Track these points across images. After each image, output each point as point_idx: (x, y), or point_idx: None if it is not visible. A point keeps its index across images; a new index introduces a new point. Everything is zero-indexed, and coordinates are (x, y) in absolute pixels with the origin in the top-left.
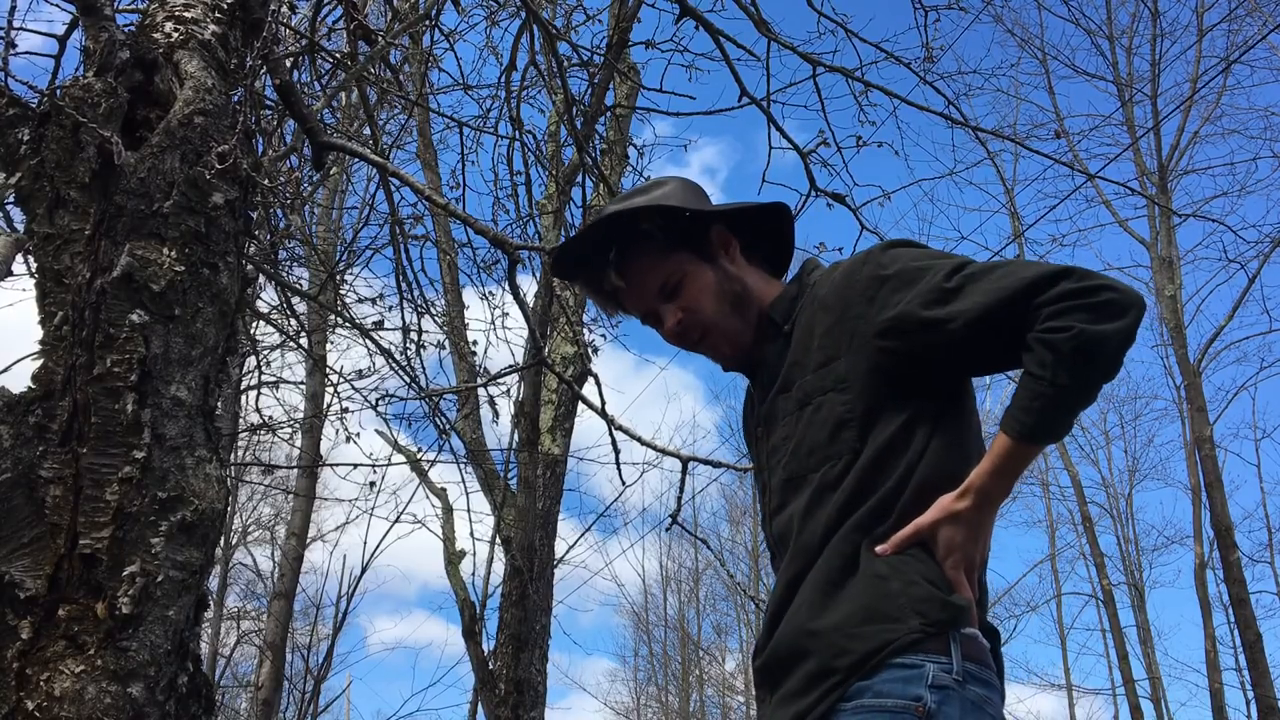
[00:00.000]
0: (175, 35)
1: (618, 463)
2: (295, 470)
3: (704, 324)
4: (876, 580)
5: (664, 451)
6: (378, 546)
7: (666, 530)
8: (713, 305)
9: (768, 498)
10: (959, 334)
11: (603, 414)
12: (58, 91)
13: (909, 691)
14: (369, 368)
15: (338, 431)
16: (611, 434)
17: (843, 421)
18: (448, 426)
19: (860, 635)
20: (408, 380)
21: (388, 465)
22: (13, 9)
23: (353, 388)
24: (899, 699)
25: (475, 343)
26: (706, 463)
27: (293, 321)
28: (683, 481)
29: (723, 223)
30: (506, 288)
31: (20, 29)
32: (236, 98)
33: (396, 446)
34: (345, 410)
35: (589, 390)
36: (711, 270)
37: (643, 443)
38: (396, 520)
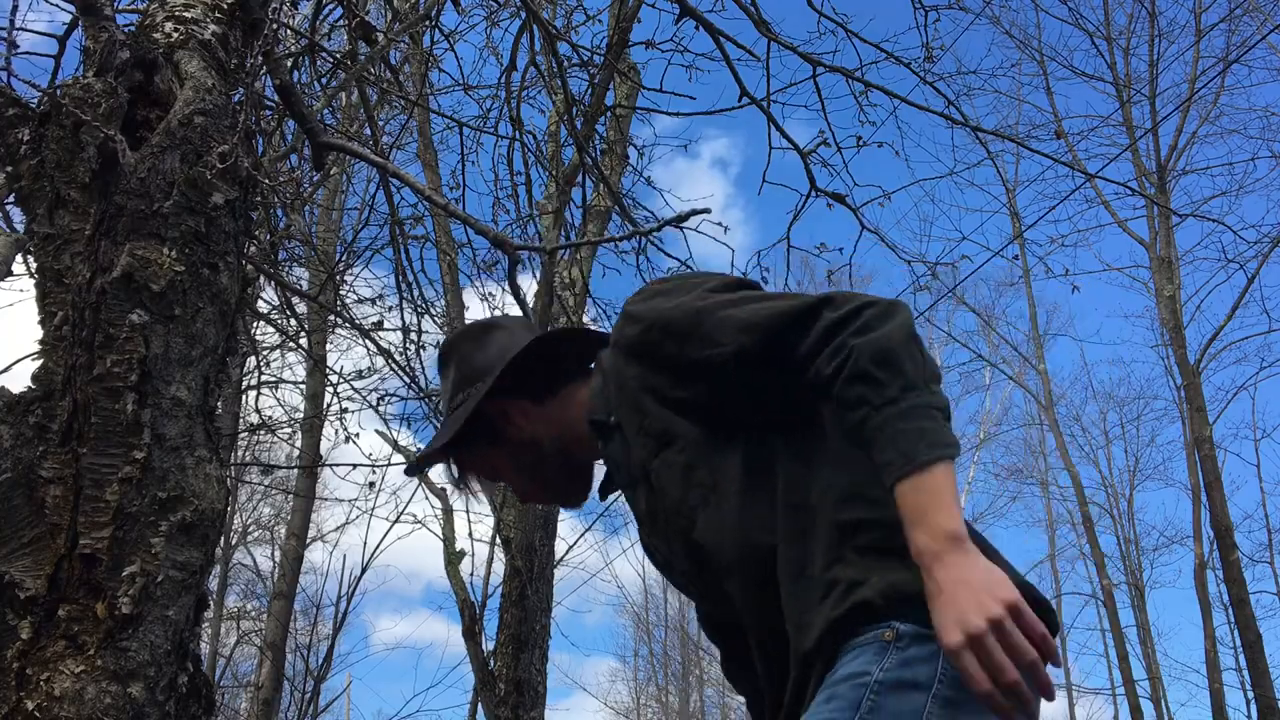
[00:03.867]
0: (175, 35)
1: None
2: (295, 470)
3: (518, 486)
4: (813, 578)
5: None
6: (378, 547)
7: None
8: (533, 467)
9: (679, 574)
10: (729, 369)
11: None
12: (58, 91)
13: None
14: (369, 368)
15: (337, 432)
16: None
17: (689, 466)
18: None
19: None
20: (408, 380)
21: (388, 465)
22: (14, 9)
23: (352, 388)
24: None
25: None
26: None
27: (293, 321)
28: None
29: (497, 395)
30: (506, 288)
31: (20, 29)
32: (236, 98)
33: (396, 446)
34: (345, 410)
35: None
36: (509, 438)
37: None
38: (396, 520)
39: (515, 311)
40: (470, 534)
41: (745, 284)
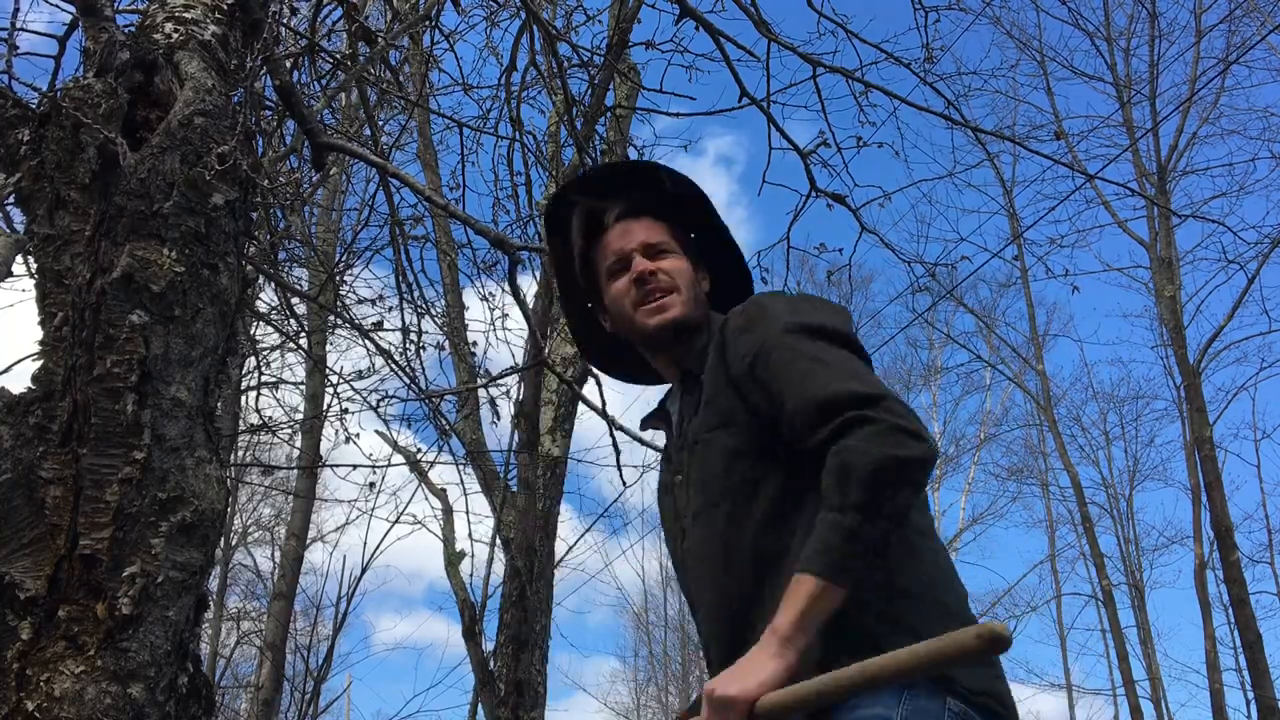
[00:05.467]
0: (175, 36)
1: (619, 464)
2: (295, 471)
3: (670, 288)
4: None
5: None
6: (378, 547)
7: None
8: (687, 286)
9: (677, 543)
10: (781, 389)
11: (604, 414)
12: (58, 92)
13: None
14: (369, 368)
15: (337, 432)
16: (612, 435)
17: (736, 454)
18: (448, 427)
19: None
20: (408, 381)
21: (388, 466)
22: (15, 11)
23: (352, 388)
24: None
25: (475, 344)
26: None
27: (292, 322)
28: None
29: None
30: (506, 288)
31: (20, 29)
32: (236, 98)
33: (396, 447)
34: (345, 411)
35: (589, 391)
36: (692, 268)
37: (643, 442)
38: (396, 521)
39: (516, 313)
40: (470, 534)
41: (839, 335)
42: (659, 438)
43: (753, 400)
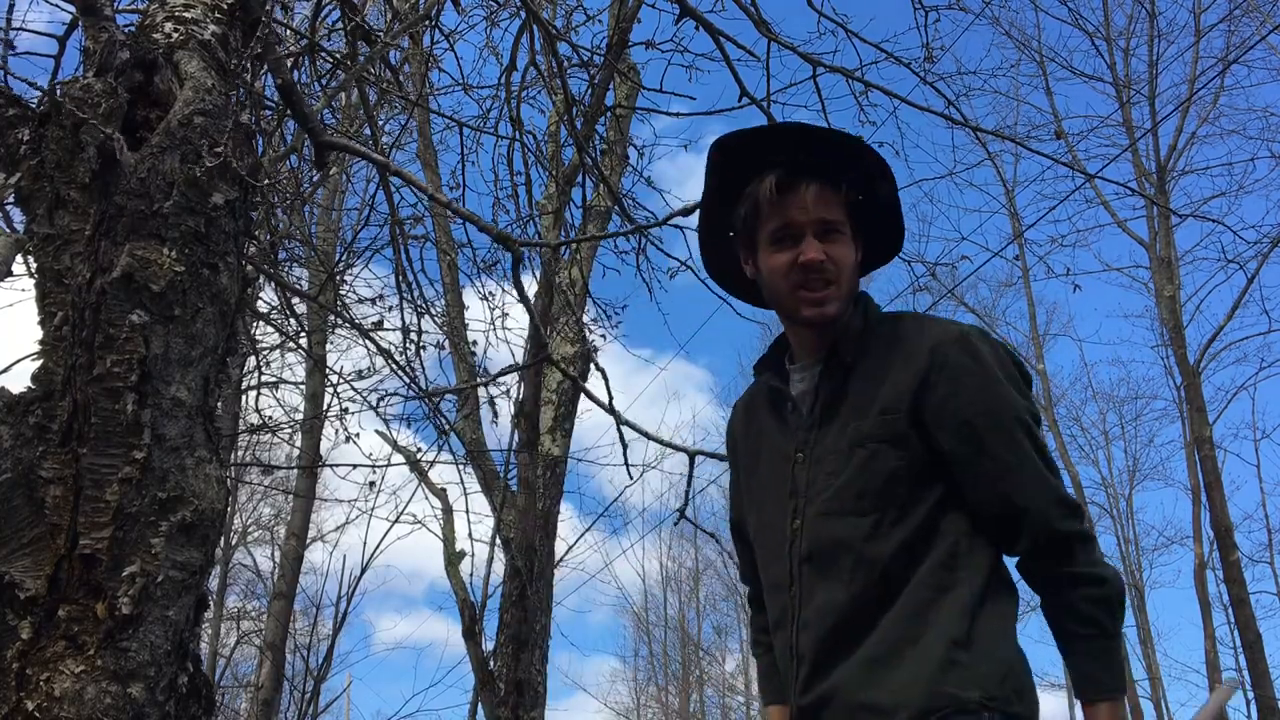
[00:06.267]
0: (175, 35)
1: (625, 458)
2: (295, 470)
3: (834, 279)
4: (948, 649)
5: (671, 446)
6: (378, 547)
7: (675, 525)
8: (848, 277)
9: (783, 518)
10: (977, 467)
11: (609, 409)
12: (58, 91)
13: None
14: (369, 368)
15: (337, 432)
16: (619, 429)
17: (895, 476)
18: (447, 427)
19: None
20: (407, 380)
21: (387, 465)
22: (11, 8)
23: (352, 388)
24: None
25: (475, 343)
26: (713, 456)
27: (292, 322)
28: (690, 476)
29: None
30: (506, 287)
31: (20, 29)
32: (236, 98)
33: (396, 447)
34: (345, 410)
35: (594, 386)
36: (855, 251)
37: (649, 437)
38: (396, 520)
39: (515, 312)
40: (470, 534)
41: (1039, 422)
42: (662, 433)
43: (936, 443)
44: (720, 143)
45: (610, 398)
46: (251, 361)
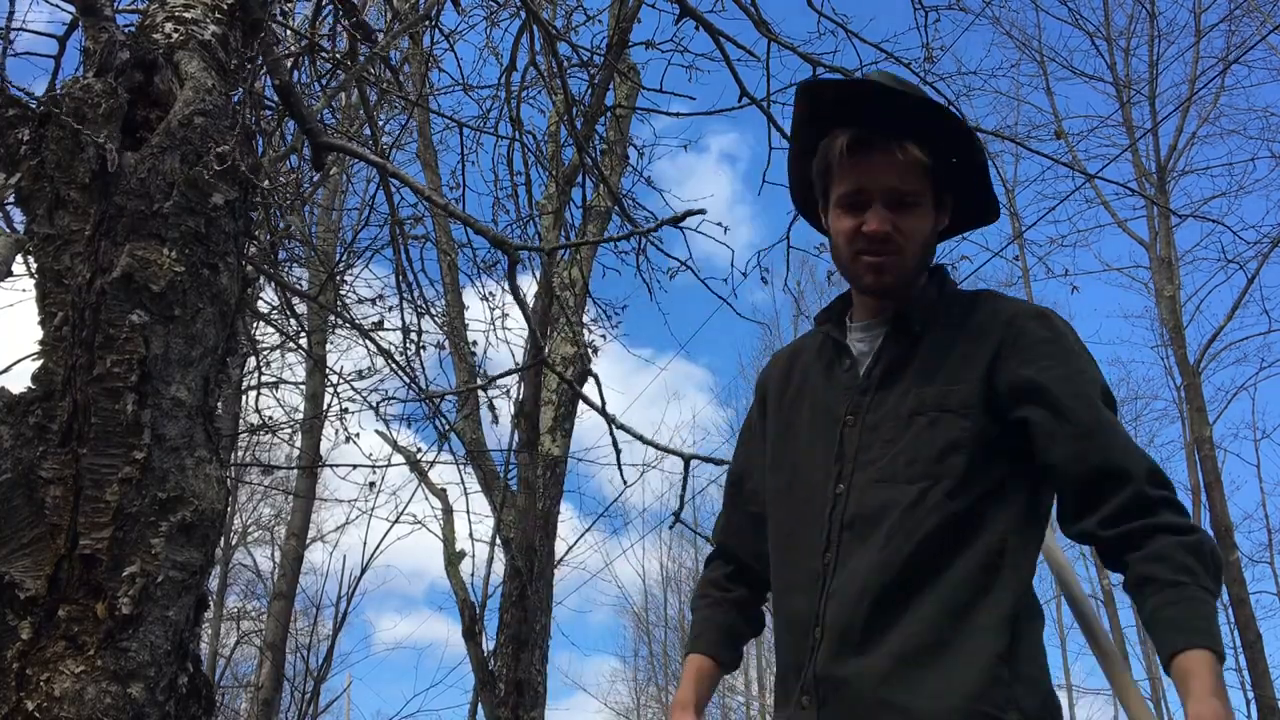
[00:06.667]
0: (175, 36)
1: (619, 463)
2: (295, 471)
3: (898, 250)
4: (991, 662)
5: (666, 450)
6: (378, 547)
7: (670, 529)
8: (917, 249)
9: (825, 481)
10: (1060, 436)
11: (604, 414)
12: (58, 91)
13: None
14: (369, 368)
15: (337, 432)
16: (613, 434)
17: (954, 445)
18: (447, 427)
19: None
20: (408, 381)
21: (387, 466)
22: (11, 9)
23: (352, 388)
24: None
25: (475, 343)
26: (708, 460)
27: (292, 322)
28: (685, 480)
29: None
30: (506, 288)
31: (20, 29)
32: (236, 98)
33: (396, 447)
34: (345, 411)
35: (589, 390)
36: (933, 219)
37: (644, 441)
38: (396, 520)
39: (516, 313)
40: (470, 534)
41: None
42: (661, 434)
43: (1012, 414)
44: (805, 89)
45: (604, 402)
46: (251, 361)
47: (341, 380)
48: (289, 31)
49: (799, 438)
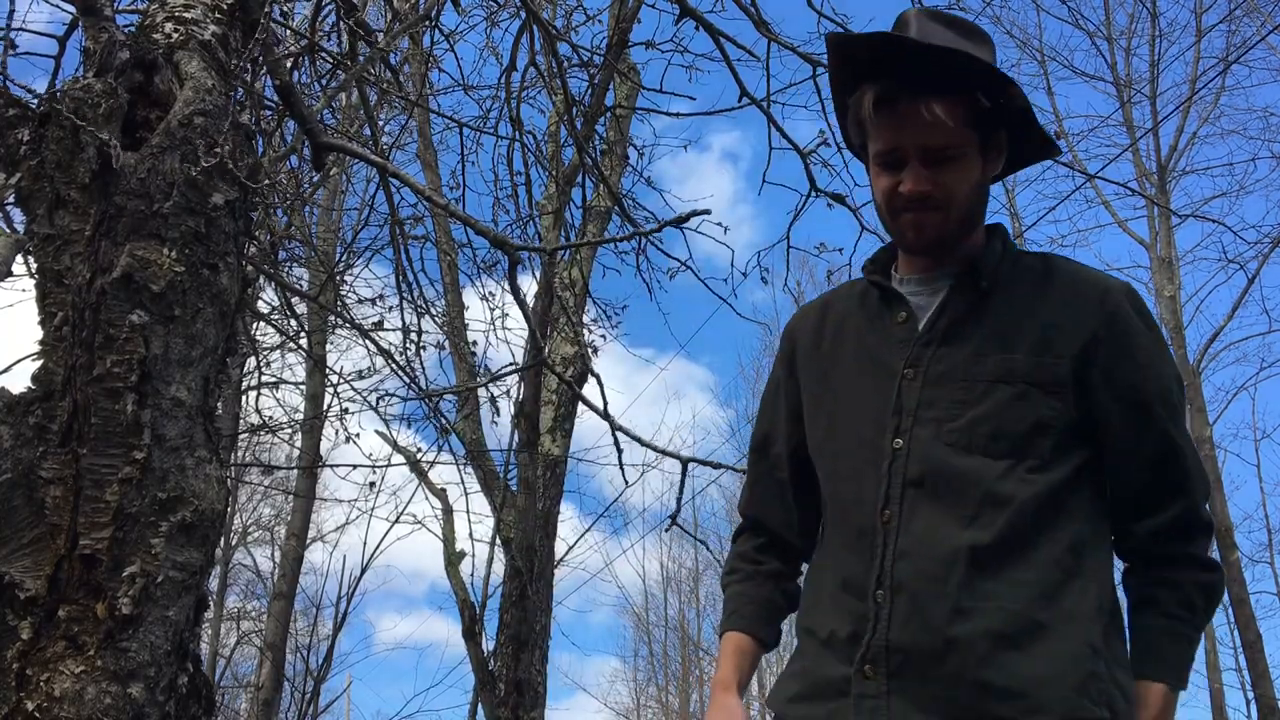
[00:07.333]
0: (175, 35)
1: (620, 464)
2: (295, 471)
3: (941, 207)
4: (1088, 652)
5: (664, 453)
6: (378, 547)
7: (666, 531)
8: (962, 201)
9: (879, 434)
10: (1140, 440)
11: (604, 415)
12: (58, 91)
13: None
14: (369, 368)
15: (337, 432)
16: (614, 436)
17: (1045, 425)
18: (447, 427)
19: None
20: (407, 381)
21: (387, 466)
22: (11, 9)
23: (353, 388)
24: None
25: (475, 343)
26: (705, 464)
27: (293, 322)
28: (682, 482)
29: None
30: (506, 288)
31: (20, 29)
32: (236, 98)
33: (396, 447)
34: (345, 411)
35: (590, 391)
36: (981, 167)
37: (643, 444)
38: (396, 520)
39: (516, 314)
40: (470, 534)
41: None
42: (661, 435)
43: (1095, 406)
44: (834, 45)
45: (605, 403)
46: (251, 361)
47: (341, 380)
48: (289, 31)
49: (846, 389)
